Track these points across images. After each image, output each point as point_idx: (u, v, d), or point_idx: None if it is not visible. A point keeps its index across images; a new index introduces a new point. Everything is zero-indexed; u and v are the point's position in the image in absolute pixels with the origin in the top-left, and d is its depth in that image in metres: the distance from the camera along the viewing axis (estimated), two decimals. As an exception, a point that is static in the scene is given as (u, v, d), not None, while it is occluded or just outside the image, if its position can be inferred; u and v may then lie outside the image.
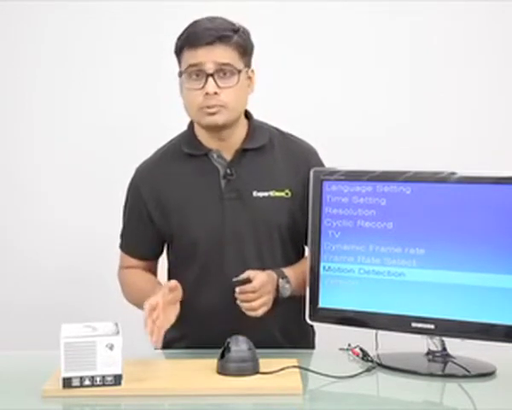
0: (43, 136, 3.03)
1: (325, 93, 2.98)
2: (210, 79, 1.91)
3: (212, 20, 1.95)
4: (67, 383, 1.65)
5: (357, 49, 3.00)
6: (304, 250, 2.11)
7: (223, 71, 1.92)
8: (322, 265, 1.95)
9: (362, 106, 2.99)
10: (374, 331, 1.94)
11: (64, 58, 3.00)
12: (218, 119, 1.94)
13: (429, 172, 1.86)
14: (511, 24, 2.99)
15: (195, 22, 1.96)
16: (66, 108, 3.02)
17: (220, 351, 1.76)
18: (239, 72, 1.94)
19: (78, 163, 3.02)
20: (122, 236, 2.16)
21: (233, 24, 1.96)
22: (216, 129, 1.98)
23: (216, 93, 1.91)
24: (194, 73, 1.93)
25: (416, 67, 3.01)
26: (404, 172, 1.89)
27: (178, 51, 1.97)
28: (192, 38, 1.92)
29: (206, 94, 1.91)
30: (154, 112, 2.98)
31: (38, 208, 3.04)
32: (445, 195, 1.84)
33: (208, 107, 1.92)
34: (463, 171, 1.83)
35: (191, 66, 1.92)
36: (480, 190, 1.81)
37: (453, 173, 1.83)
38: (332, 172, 1.96)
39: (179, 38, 1.97)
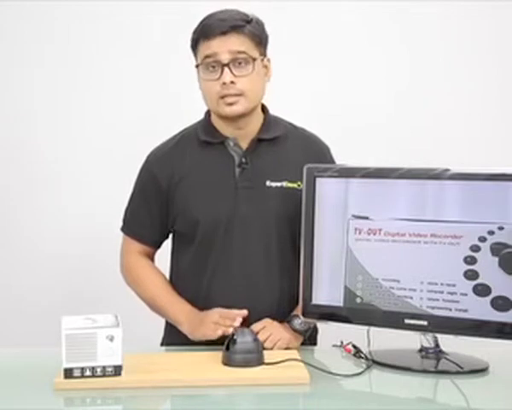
0: (48, 133, 3.08)
1: (321, 91, 3.01)
2: (226, 69, 1.92)
3: (225, 11, 1.97)
4: (69, 373, 1.68)
5: (355, 47, 3.04)
6: None
7: (238, 60, 1.93)
8: (315, 262, 1.95)
9: (358, 104, 3.03)
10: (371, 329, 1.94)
11: (68, 57, 3.04)
12: (237, 108, 1.96)
13: (423, 169, 1.86)
14: (507, 21, 3.02)
15: (209, 15, 1.98)
16: (70, 107, 3.07)
17: (225, 343, 1.81)
18: (254, 60, 1.95)
19: (84, 154, 3.07)
20: (127, 218, 2.15)
21: (246, 15, 1.98)
22: (235, 118, 1.99)
23: (232, 82, 1.93)
24: (211, 64, 1.94)
25: (415, 65, 3.05)
26: (398, 169, 1.88)
27: (194, 45, 1.99)
28: (206, 30, 1.94)
29: (223, 84, 1.93)
30: (154, 109, 3.00)
31: (51, 202, 3.09)
32: (438, 191, 1.84)
33: (226, 96, 1.94)
34: (457, 167, 1.83)
35: (207, 57, 1.94)
36: (474, 187, 1.81)
37: (447, 170, 1.83)
38: (325, 169, 1.96)
39: (194, 32, 1.98)
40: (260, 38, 1.98)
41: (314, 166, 1.96)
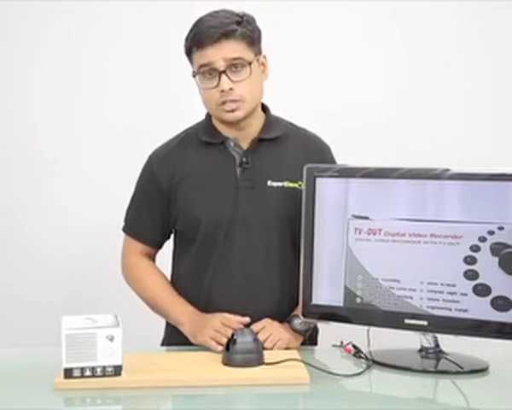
0: (48, 134, 3.09)
1: (321, 91, 3.01)
2: (223, 77, 1.92)
3: (214, 15, 1.95)
4: (68, 373, 1.68)
5: (355, 47, 3.05)
6: None
7: (234, 65, 1.93)
8: (315, 262, 1.95)
9: (358, 104, 3.04)
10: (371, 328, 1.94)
11: (67, 57, 3.05)
12: (238, 114, 1.97)
13: (423, 169, 1.86)
14: (507, 21, 3.03)
15: (199, 21, 1.96)
16: (70, 107, 3.07)
17: (225, 343, 1.82)
18: (250, 63, 1.94)
19: (84, 154, 3.08)
20: (129, 218, 2.15)
21: (236, 14, 1.96)
22: (236, 122, 1.99)
23: (231, 89, 1.92)
24: (207, 72, 1.94)
25: (415, 65, 3.06)
26: (398, 169, 1.88)
27: (188, 52, 1.98)
28: (198, 39, 1.93)
29: (222, 91, 1.92)
30: (154, 109, 3.01)
31: (51, 202, 3.09)
32: (438, 191, 1.84)
33: (226, 103, 1.94)
34: (457, 167, 1.83)
35: (202, 66, 1.93)
36: (474, 187, 1.81)
37: (447, 170, 1.83)
38: (325, 169, 1.95)
39: (186, 39, 1.98)
40: (253, 38, 1.96)
41: (314, 166, 1.96)
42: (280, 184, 2.03)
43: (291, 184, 2.03)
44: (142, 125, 3.01)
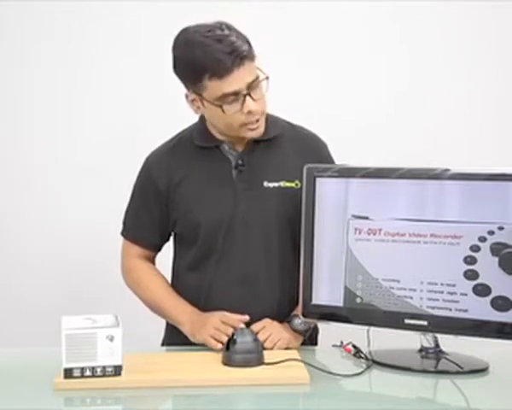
0: (48, 134, 3.09)
1: (321, 91, 3.01)
2: (248, 99, 1.88)
3: (219, 38, 1.84)
4: (68, 373, 1.68)
5: (355, 47, 3.05)
6: None
7: (253, 84, 1.89)
8: (315, 262, 1.95)
9: (358, 104, 3.04)
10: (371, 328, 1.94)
11: (67, 57, 3.06)
12: (260, 130, 1.98)
13: (423, 169, 1.86)
14: (507, 21, 3.03)
15: (199, 46, 1.85)
16: (70, 107, 3.08)
17: (225, 343, 1.82)
18: (267, 78, 1.92)
19: (84, 154, 3.08)
20: (127, 222, 2.14)
21: (238, 33, 1.89)
22: None
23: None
24: (230, 98, 1.88)
25: (415, 65, 3.06)
26: (398, 169, 1.88)
27: (196, 79, 1.88)
28: (216, 68, 1.84)
29: (249, 113, 1.90)
30: (154, 110, 3.01)
31: (51, 202, 3.09)
32: (438, 191, 1.84)
33: (251, 122, 1.93)
34: (457, 167, 1.83)
35: (227, 95, 1.87)
36: (474, 187, 1.81)
37: (447, 170, 1.83)
38: (325, 169, 1.95)
39: (189, 65, 1.88)
40: (253, 52, 1.92)
41: (314, 166, 1.96)
42: (276, 184, 2.02)
43: (288, 184, 2.03)
44: (142, 125, 3.01)
